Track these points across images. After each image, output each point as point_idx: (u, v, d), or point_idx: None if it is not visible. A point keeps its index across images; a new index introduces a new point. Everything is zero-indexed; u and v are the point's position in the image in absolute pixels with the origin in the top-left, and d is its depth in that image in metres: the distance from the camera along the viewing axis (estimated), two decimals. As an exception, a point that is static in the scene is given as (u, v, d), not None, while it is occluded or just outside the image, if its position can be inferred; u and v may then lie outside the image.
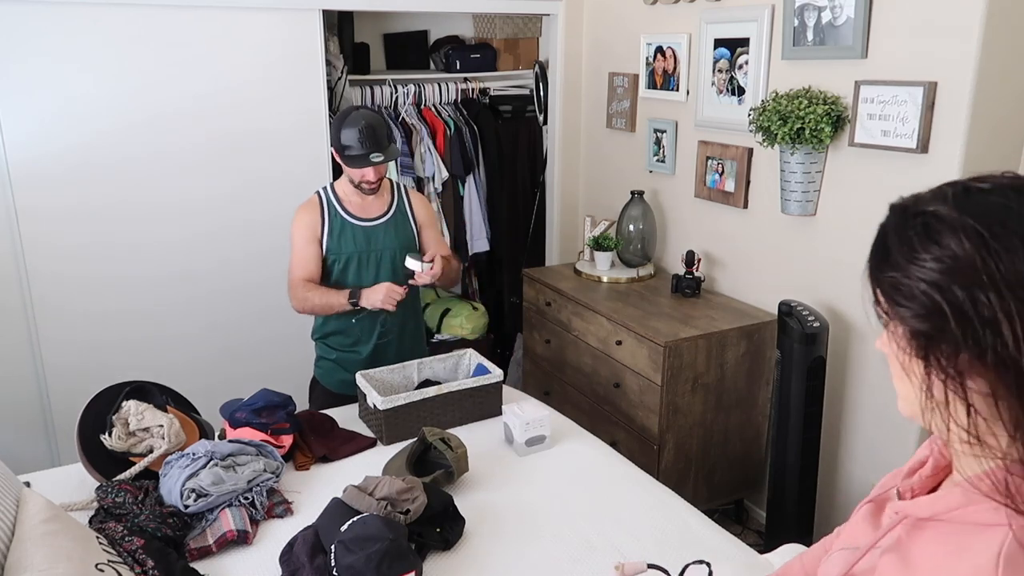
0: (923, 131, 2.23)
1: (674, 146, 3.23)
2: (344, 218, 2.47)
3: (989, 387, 0.68)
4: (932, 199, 0.73)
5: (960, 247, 0.68)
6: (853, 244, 2.53)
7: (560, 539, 1.82)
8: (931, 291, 0.69)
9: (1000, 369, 0.67)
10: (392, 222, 2.52)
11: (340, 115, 2.38)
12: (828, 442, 2.72)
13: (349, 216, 2.47)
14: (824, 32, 2.48)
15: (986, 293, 0.66)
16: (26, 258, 2.85)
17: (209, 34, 2.96)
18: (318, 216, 2.45)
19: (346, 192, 2.48)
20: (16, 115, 2.74)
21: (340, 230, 2.46)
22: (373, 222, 2.49)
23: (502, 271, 4.13)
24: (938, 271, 0.69)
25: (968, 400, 0.69)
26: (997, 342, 0.66)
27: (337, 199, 2.48)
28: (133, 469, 1.94)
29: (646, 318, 2.80)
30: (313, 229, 2.45)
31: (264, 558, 1.74)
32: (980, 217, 0.69)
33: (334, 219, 2.46)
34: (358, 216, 2.48)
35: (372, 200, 2.49)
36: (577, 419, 2.66)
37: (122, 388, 2.13)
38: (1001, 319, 0.65)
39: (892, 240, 0.74)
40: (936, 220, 0.71)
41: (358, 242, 2.47)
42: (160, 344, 3.12)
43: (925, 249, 0.70)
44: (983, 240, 0.67)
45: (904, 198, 0.76)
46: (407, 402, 2.22)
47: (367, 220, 2.48)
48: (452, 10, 3.63)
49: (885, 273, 0.74)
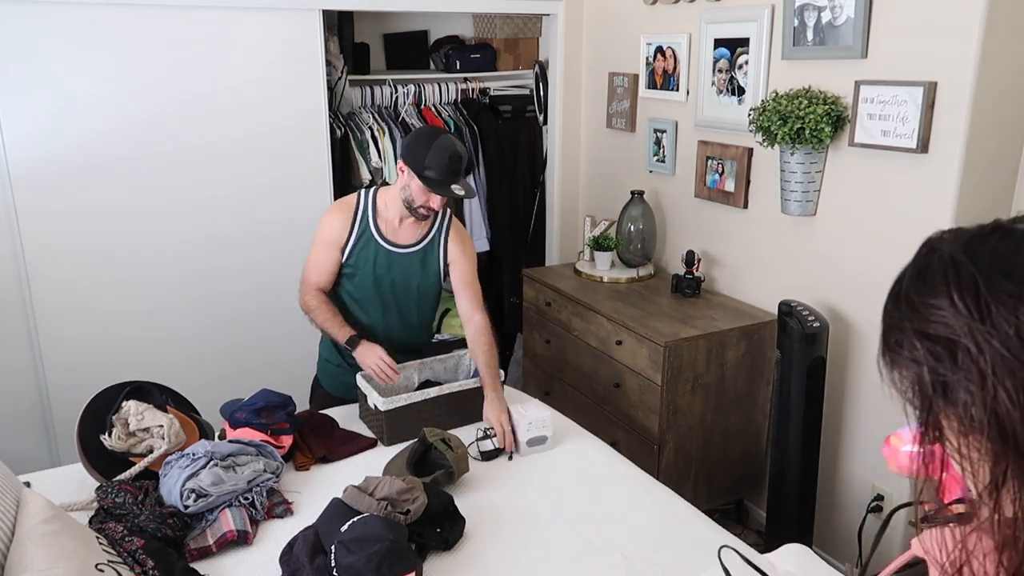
0: (923, 131, 2.23)
1: (674, 146, 3.23)
2: (373, 236, 2.33)
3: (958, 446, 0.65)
4: (952, 238, 0.68)
5: (950, 295, 0.63)
6: (853, 244, 2.53)
7: (560, 539, 1.82)
8: (917, 340, 0.65)
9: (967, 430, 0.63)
10: (421, 253, 2.38)
11: (428, 134, 2.26)
12: (828, 442, 2.72)
13: (379, 235, 2.34)
14: (824, 32, 2.48)
15: (965, 348, 0.61)
16: (26, 258, 2.85)
17: (209, 34, 2.96)
18: (348, 224, 2.32)
19: (387, 206, 2.33)
20: (16, 115, 2.74)
21: (364, 246, 2.33)
22: (402, 249, 2.36)
23: (502, 271, 4.12)
24: (928, 319, 0.64)
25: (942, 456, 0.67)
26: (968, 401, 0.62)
27: (374, 212, 2.34)
28: (133, 469, 1.94)
29: (646, 318, 2.80)
30: (338, 235, 2.32)
31: (264, 558, 1.74)
32: (984, 263, 0.63)
33: (364, 233, 2.33)
34: (388, 239, 2.34)
35: (410, 225, 2.34)
36: (577, 419, 2.66)
37: (122, 388, 2.13)
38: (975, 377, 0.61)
39: (905, 277, 0.70)
40: (940, 263, 0.66)
41: (379, 265, 2.34)
42: (160, 344, 3.12)
43: (921, 293, 0.66)
44: (976, 290, 0.62)
45: (936, 233, 0.71)
46: (408, 403, 2.22)
47: (396, 246, 2.35)
48: (452, 10, 3.63)
49: (891, 312, 0.71)
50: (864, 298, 2.53)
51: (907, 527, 2.54)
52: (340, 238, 2.34)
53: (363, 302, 2.41)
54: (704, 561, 1.75)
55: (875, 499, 2.58)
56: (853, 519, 2.68)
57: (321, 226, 2.36)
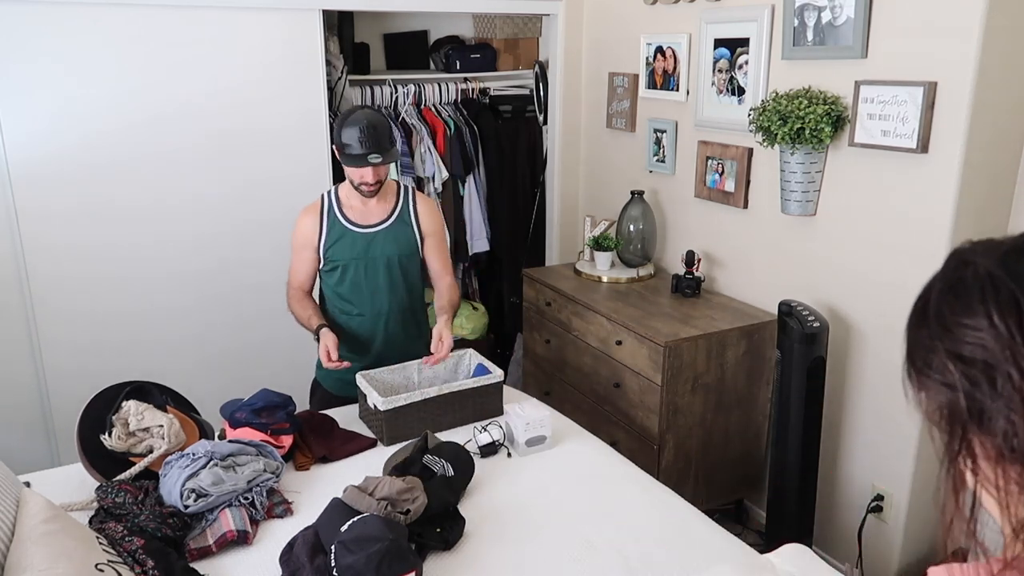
0: (923, 131, 2.23)
1: (674, 146, 3.23)
2: (344, 224, 2.41)
3: (994, 477, 0.60)
4: (986, 251, 0.62)
5: (988, 315, 0.58)
6: (853, 244, 2.53)
7: (560, 539, 1.82)
8: (950, 362, 0.60)
9: (1006, 461, 0.59)
10: (394, 227, 2.45)
11: (343, 114, 2.35)
12: (828, 442, 2.72)
13: (348, 223, 2.42)
14: (824, 32, 2.48)
15: (1006, 373, 0.57)
16: (26, 258, 2.85)
17: (209, 34, 2.96)
18: (317, 221, 2.42)
19: (348, 196, 2.43)
20: (16, 115, 2.74)
21: (339, 237, 2.41)
22: (373, 228, 2.43)
23: (502, 271, 4.12)
24: (962, 340, 0.60)
25: (975, 489, 0.62)
26: (1008, 430, 0.57)
27: (339, 204, 2.43)
28: (133, 469, 1.94)
29: (646, 318, 2.80)
30: (310, 235, 2.42)
31: (264, 558, 1.74)
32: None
33: (333, 225, 2.42)
34: (357, 222, 2.42)
35: (374, 205, 2.42)
36: (577, 419, 2.66)
37: (122, 388, 2.13)
38: (1017, 405, 0.56)
39: (933, 292, 0.65)
40: (975, 278, 0.61)
41: (356, 249, 2.42)
42: (160, 344, 3.12)
43: (954, 311, 0.61)
44: (1018, 310, 0.57)
45: (965, 243, 0.65)
46: (408, 403, 2.22)
47: (367, 227, 2.43)
48: (452, 10, 3.63)
49: (918, 329, 0.67)
50: (864, 298, 2.53)
51: (907, 527, 2.54)
52: (313, 237, 2.42)
53: (354, 293, 2.45)
54: (704, 561, 1.75)
55: (875, 499, 2.58)
56: (853, 519, 2.68)
57: (294, 232, 2.47)
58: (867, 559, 2.66)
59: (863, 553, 2.66)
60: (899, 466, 2.51)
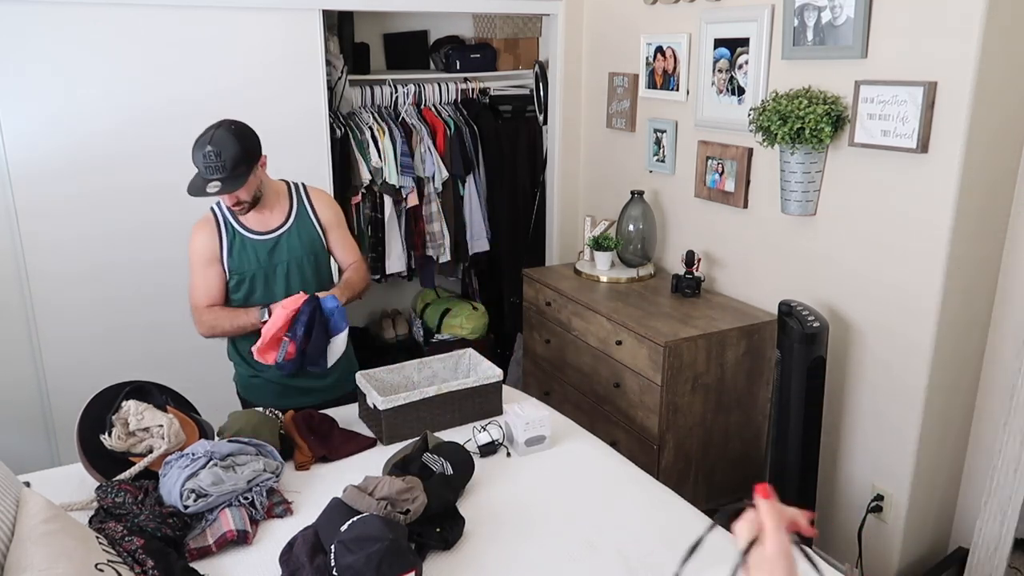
0: (923, 131, 2.23)
1: (674, 146, 3.23)
2: (242, 234, 2.31)
3: None
4: None
5: None
6: (853, 244, 2.53)
7: (560, 539, 1.82)
8: None
9: None
10: (293, 230, 2.36)
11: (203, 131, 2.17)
12: (828, 442, 2.72)
13: (246, 231, 2.32)
14: (824, 32, 2.48)
15: None
16: (26, 257, 2.85)
17: (209, 34, 2.96)
18: (215, 234, 2.30)
19: None
20: (16, 115, 2.74)
21: (240, 247, 2.31)
22: (273, 234, 2.34)
23: (502, 271, 4.12)
24: None
25: None
26: None
27: (232, 213, 2.31)
28: (133, 469, 1.94)
29: (646, 318, 2.80)
30: (211, 249, 2.30)
31: (264, 558, 1.74)
32: None
33: (232, 236, 2.31)
34: (256, 230, 2.32)
35: (268, 211, 2.32)
36: (577, 419, 2.66)
37: (122, 388, 2.13)
38: None
39: None
40: None
41: (260, 258, 2.32)
42: (160, 343, 3.12)
43: None
44: None
45: None
46: (407, 402, 2.22)
47: (266, 233, 2.33)
48: (452, 10, 3.63)
49: None
50: (864, 298, 2.53)
51: (907, 527, 2.54)
52: (214, 251, 2.30)
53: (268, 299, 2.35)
54: (704, 561, 1.75)
55: (875, 499, 2.58)
56: (853, 519, 2.68)
57: (191, 249, 2.32)
58: (867, 559, 2.66)
59: (863, 553, 2.66)
60: (899, 466, 2.51)
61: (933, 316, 2.32)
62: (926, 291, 2.33)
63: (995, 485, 2.36)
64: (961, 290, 2.34)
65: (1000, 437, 2.34)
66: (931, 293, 2.32)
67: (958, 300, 2.35)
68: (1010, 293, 2.41)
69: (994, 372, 2.49)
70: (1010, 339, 2.42)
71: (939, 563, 2.62)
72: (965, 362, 2.47)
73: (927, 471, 2.51)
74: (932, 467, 2.53)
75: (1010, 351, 2.42)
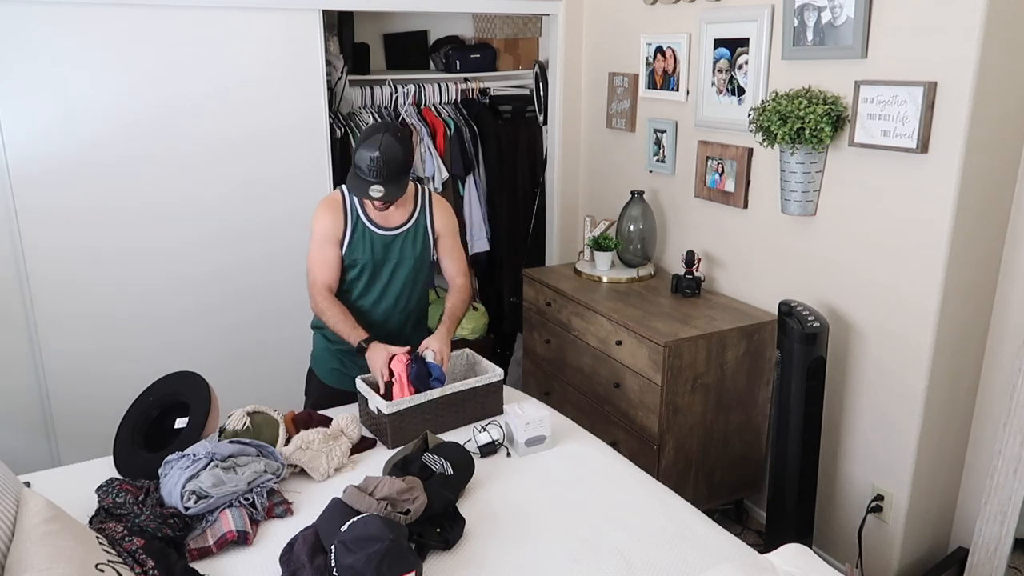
0: (923, 131, 2.23)
1: (674, 146, 3.23)
2: (365, 224, 2.40)
3: None
4: None
5: None
6: (853, 244, 2.53)
7: (560, 539, 1.82)
8: None
9: None
10: (411, 232, 2.46)
11: (371, 128, 2.28)
12: (828, 442, 2.73)
13: (370, 223, 2.41)
14: (824, 32, 2.48)
15: None
16: (26, 258, 2.85)
17: (209, 34, 2.96)
18: (341, 218, 2.39)
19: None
20: (16, 115, 2.74)
21: (360, 236, 2.40)
22: (393, 231, 2.43)
23: (502, 271, 4.12)
24: None
25: None
26: None
27: (360, 202, 2.41)
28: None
29: (646, 318, 2.80)
30: (335, 231, 2.39)
31: (264, 558, 1.74)
32: None
33: (357, 224, 2.40)
34: (379, 224, 2.41)
35: (393, 209, 2.41)
36: (577, 419, 2.66)
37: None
38: None
39: None
40: None
41: (375, 251, 2.42)
42: (160, 343, 3.12)
43: None
44: None
45: None
46: (411, 405, 2.22)
47: (387, 229, 2.42)
48: (452, 10, 3.63)
49: None
50: (864, 298, 2.53)
51: (907, 527, 2.54)
52: (337, 233, 2.40)
53: (366, 292, 2.46)
54: (704, 561, 1.75)
55: (875, 499, 2.58)
56: (853, 519, 2.69)
57: (316, 225, 2.41)
58: (867, 559, 2.66)
59: (863, 553, 2.66)
60: (899, 466, 2.51)
61: (933, 316, 2.32)
62: (926, 291, 2.33)
63: (995, 485, 2.36)
64: (961, 290, 2.34)
65: (1000, 437, 2.35)
66: (931, 293, 2.32)
67: (958, 300, 2.35)
68: (1010, 293, 2.41)
69: (994, 372, 2.49)
70: (1010, 339, 2.42)
71: (939, 563, 2.62)
72: (965, 362, 2.47)
73: (927, 471, 2.51)
74: (932, 467, 2.53)
75: (1010, 351, 2.42)
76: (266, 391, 3.17)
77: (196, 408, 2.13)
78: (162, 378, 2.23)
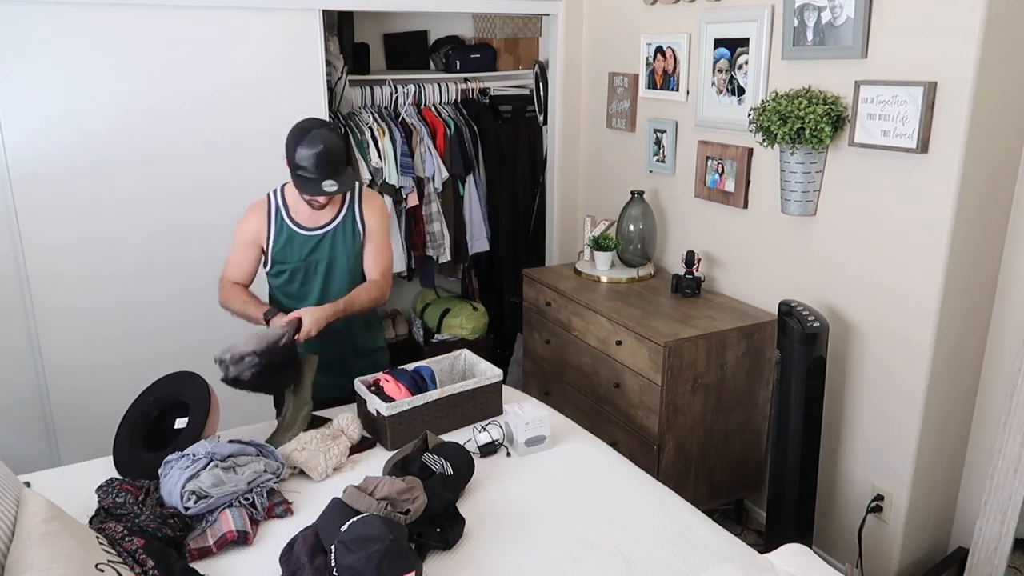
0: (923, 131, 2.23)
1: (674, 146, 3.23)
2: (290, 227, 2.38)
3: None
4: None
5: None
6: (853, 244, 2.53)
7: (560, 539, 1.82)
8: None
9: None
10: (339, 230, 2.41)
11: (298, 129, 2.23)
12: (828, 442, 2.73)
13: (295, 225, 2.38)
14: (824, 32, 2.48)
15: None
16: (26, 258, 2.85)
17: (209, 34, 2.96)
18: (264, 220, 2.38)
19: (295, 199, 2.37)
20: (16, 115, 2.74)
21: (286, 239, 2.38)
22: (319, 231, 2.39)
23: (502, 271, 4.12)
24: None
25: None
26: None
27: (285, 205, 2.39)
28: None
29: (646, 318, 2.80)
30: (257, 234, 2.39)
31: (264, 558, 1.74)
32: None
33: (281, 227, 2.38)
34: (304, 225, 2.38)
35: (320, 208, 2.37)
36: (577, 419, 2.66)
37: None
38: None
39: None
40: None
41: (303, 252, 2.39)
42: (160, 344, 3.12)
43: None
44: None
45: None
46: (410, 407, 2.22)
47: (313, 229, 2.39)
48: (452, 10, 3.63)
49: None
50: (864, 298, 2.53)
51: (907, 527, 2.54)
52: (260, 237, 2.40)
53: (301, 295, 2.44)
54: (704, 561, 1.75)
55: (875, 499, 2.58)
56: (853, 519, 2.69)
57: (239, 227, 2.42)
58: (867, 559, 2.66)
59: (863, 553, 2.66)
60: (899, 466, 2.51)
61: (933, 316, 2.32)
62: (926, 291, 2.33)
63: (995, 485, 2.36)
64: (961, 290, 2.34)
65: (1000, 437, 2.35)
66: (931, 293, 2.32)
67: (958, 300, 2.35)
68: (1010, 293, 2.41)
69: (994, 372, 2.49)
70: (1010, 339, 2.42)
71: (939, 563, 2.62)
72: (965, 362, 2.47)
73: (927, 471, 2.51)
74: (932, 467, 2.53)
75: (1010, 351, 2.42)
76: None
77: (196, 408, 2.13)
78: (162, 378, 2.23)
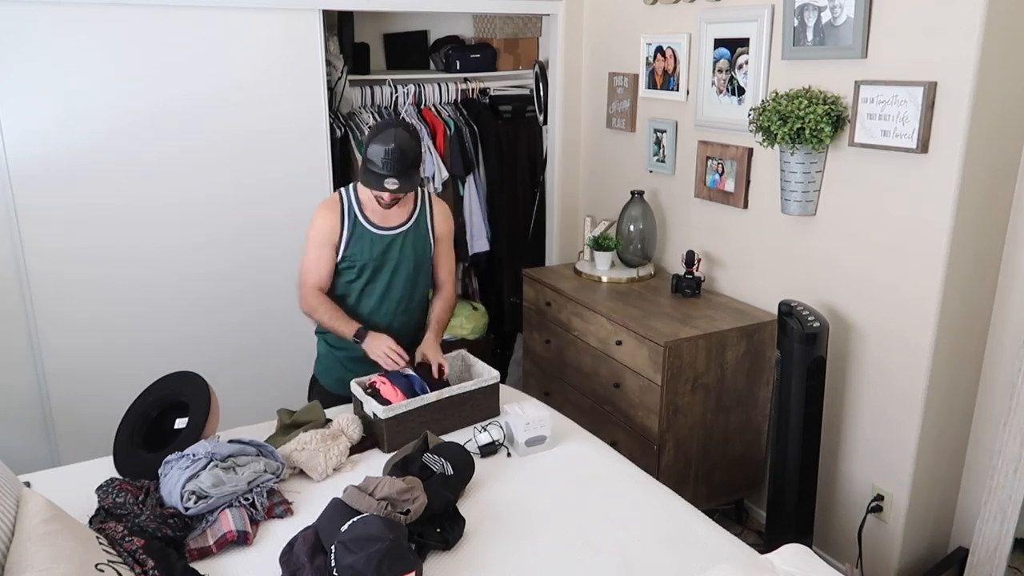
0: (923, 131, 2.23)
1: (674, 146, 3.23)
2: (363, 225, 2.40)
3: None
4: None
5: None
6: (853, 244, 2.53)
7: (560, 539, 1.82)
8: None
9: None
10: (411, 232, 2.45)
11: (379, 124, 2.29)
12: (828, 442, 2.73)
13: (368, 223, 2.40)
14: (824, 32, 2.48)
15: None
16: (26, 258, 2.85)
17: (209, 34, 2.96)
18: (337, 220, 2.39)
19: (368, 197, 2.39)
20: (16, 115, 2.74)
21: (358, 237, 2.40)
22: (392, 231, 2.42)
23: (502, 271, 4.12)
24: None
25: None
26: None
27: (359, 203, 2.41)
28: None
29: (646, 318, 2.80)
30: (331, 233, 2.39)
31: (264, 558, 1.74)
32: None
33: (355, 225, 2.40)
34: (378, 224, 2.41)
35: (395, 207, 2.41)
36: (577, 419, 2.66)
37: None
38: None
39: None
40: None
41: (374, 251, 2.41)
42: (160, 344, 3.12)
43: None
44: None
45: None
46: (407, 409, 2.22)
47: (386, 229, 2.42)
48: (452, 10, 3.63)
49: None
50: (864, 298, 2.53)
51: (907, 527, 2.54)
52: (333, 235, 2.40)
53: (367, 293, 2.46)
54: (704, 561, 1.75)
55: (875, 499, 2.58)
56: (853, 519, 2.68)
57: (313, 228, 2.42)
58: (867, 559, 2.66)
59: (863, 553, 2.66)
60: (899, 466, 2.51)
61: (933, 316, 2.32)
62: (926, 291, 2.33)
63: (995, 485, 2.36)
64: (961, 290, 2.34)
65: (1000, 437, 2.35)
66: (931, 293, 2.32)
67: (958, 300, 2.35)
68: (1010, 293, 2.41)
69: (994, 372, 2.49)
70: (1010, 339, 2.42)
71: (939, 563, 2.62)
72: (965, 362, 2.47)
73: (927, 471, 2.51)
74: (932, 467, 2.53)
75: (1010, 351, 2.42)
76: (266, 391, 3.17)
77: (196, 408, 2.13)
78: (162, 378, 2.23)
